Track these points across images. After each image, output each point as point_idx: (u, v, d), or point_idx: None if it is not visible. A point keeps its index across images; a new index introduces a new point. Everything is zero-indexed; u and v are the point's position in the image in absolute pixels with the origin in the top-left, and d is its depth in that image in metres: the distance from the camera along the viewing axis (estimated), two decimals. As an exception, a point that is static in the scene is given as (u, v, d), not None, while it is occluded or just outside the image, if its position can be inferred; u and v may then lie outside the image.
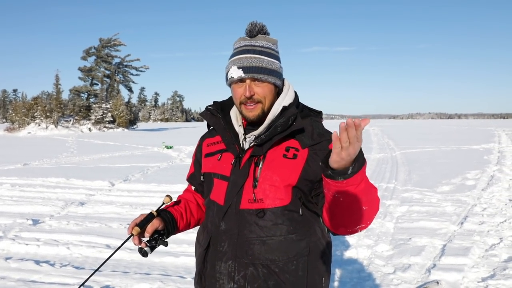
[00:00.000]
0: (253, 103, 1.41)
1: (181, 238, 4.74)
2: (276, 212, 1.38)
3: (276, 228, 1.38)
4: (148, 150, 16.91)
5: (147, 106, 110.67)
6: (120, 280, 3.57)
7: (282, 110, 1.44)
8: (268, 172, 1.38)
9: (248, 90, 1.40)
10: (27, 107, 38.22)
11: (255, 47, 1.43)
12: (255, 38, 1.45)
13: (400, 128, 44.41)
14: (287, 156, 1.39)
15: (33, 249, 4.35)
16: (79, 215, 5.82)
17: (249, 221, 1.39)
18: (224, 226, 1.43)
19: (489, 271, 3.80)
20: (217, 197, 1.47)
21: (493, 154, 13.73)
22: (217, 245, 1.45)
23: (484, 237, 4.75)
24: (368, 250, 4.35)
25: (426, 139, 22.76)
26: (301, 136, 1.42)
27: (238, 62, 1.41)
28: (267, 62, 1.41)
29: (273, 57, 1.44)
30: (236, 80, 1.41)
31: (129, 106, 46.49)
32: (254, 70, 1.39)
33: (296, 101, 1.50)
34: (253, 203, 1.38)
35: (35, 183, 8.21)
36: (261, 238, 1.38)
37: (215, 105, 1.55)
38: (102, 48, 45.04)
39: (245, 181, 1.40)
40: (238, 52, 1.43)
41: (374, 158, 12.95)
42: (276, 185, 1.37)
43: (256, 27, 1.45)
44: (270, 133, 1.39)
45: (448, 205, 6.32)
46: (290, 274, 1.38)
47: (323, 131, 1.45)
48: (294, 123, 1.40)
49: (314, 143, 1.40)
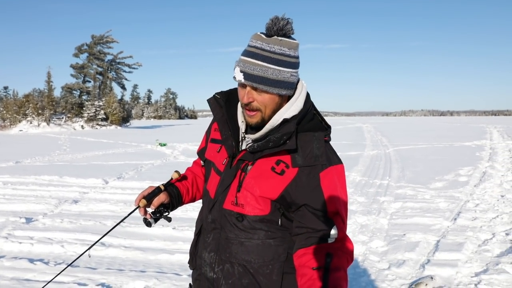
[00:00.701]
0: (251, 110, 1.35)
1: (176, 236, 4.74)
2: (255, 219, 1.37)
3: (255, 232, 1.38)
4: (141, 147, 16.83)
5: (140, 103, 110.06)
6: (115, 278, 3.55)
7: (283, 122, 1.35)
8: (251, 181, 1.36)
9: (246, 97, 1.33)
10: (19, 105, 37.81)
11: (264, 52, 1.30)
12: (269, 39, 1.31)
13: (393, 125, 44.65)
14: (275, 170, 1.34)
15: (26, 247, 4.31)
16: (73, 213, 5.78)
17: (230, 221, 1.40)
18: (210, 218, 1.47)
19: (482, 266, 3.84)
20: (210, 188, 1.50)
21: (485, 151, 13.87)
22: (205, 235, 1.50)
23: (477, 233, 4.80)
24: (363, 246, 4.38)
25: (419, 136, 22.93)
26: (295, 153, 1.34)
27: (241, 65, 1.32)
28: (272, 72, 1.29)
29: (283, 64, 1.30)
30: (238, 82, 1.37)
31: (122, 103, 46.20)
32: (254, 79, 1.30)
33: (303, 113, 1.38)
34: (234, 206, 1.39)
35: (28, 181, 8.13)
36: (239, 239, 1.39)
37: (222, 95, 1.49)
38: (95, 45, 44.68)
39: (231, 183, 1.40)
40: (246, 53, 1.33)
41: (368, 155, 13.01)
42: (255, 195, 1.35)
43: (275, 26, 1.29)
44: (262, 145, 1.34)
45: (442, 201, 6.38)
46: (264, 277, 1.38)
47: (321, 152, 1.34)
48: (288, 141, 1.32)
49: (305, 164, 1.32)
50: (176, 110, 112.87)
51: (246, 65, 1.30)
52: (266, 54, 1.30)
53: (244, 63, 1.31)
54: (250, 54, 1.32)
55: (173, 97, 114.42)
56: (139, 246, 4.38)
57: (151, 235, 4.73)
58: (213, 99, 1.50)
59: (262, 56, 1.30)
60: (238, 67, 1.33)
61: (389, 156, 12.72)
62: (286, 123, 1.34)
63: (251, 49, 1.32)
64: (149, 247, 4.36)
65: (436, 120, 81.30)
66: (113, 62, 46.36)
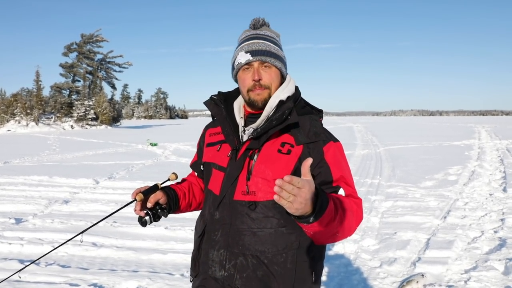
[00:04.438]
0: (260, 88, 1.44)
1: (169, 235, 4.72)
2: (268, 205, 1.39)
3: (267, 220, 1.40)
4: (132, 147, 16.72)
5: (130, 103, 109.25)
6: (107, 278, 3.53)
7: (279, 103, 1.44)
8: (261, 166, 1.40)
9: (256, 74, 1.43)
10: (6, 104, 37.27)
11: (261, 35, 1.49)
12: (260, 28, 1.52)
13: (383, 125, 44.97)
14: (282, 151, 1.40)
15: (16, 248, 4.26)
16: (64, 213, 5.72)
17: (241, 212, 1.41)
18: (218, 215, 1.46)
19: (471, 263, 3.90)
20: (213, 186, 1.50)
21: (473, 150, 14.05)
22: (211, 234, 1.48)
23: (466, 231, 4.86)
24: (355, 244, 4.41)
25: (409, 136, 23.13)
26: (297, 132, 1.43)
27: (245, 47, 1.46)
28: (273, 48, 1.47)
29: (278, 45, 1.50)
30: (244, 64, 1.45)
31: (112, 103, 45.84)
32: (261, 53, 1.43)
33: (296, 96, 1.50)
34: (246, 195, 1.41)
35: (17, 182, 8.03)
36: (252, 230, 1.40)
37: (219, 96, 1.57)
38: (84, 44, 44.22)
39: (240, 173, 1.42)
40: (245, 39, 1.49)
41: (359, 155, 13.10)
42: (268, 179, 1.38)
43: (259, 21, 1.52)
44: (266, 126, 1.40)
45: (432, 200, 6.45)
46: (279, 266, 1.40)
47: (320, 130, 1.45)
48: (289, 117, 1.40)
49: (309, 141, 1.41)
50: (167, 110, 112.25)
51: (250, 45, 1.46)
52: (263, 36, 1.49)
53: (247, 45, 1.46)
54: (250, 38, 1.48)
55: (164, 97, 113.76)
56: (132, 246, 4.36)
57: (144, 235, 4.71)
58: (210, 100, 1.57)
59: (262, 37, 1.48)
60: (241, 51, 1.46)
61: (380, 156, 12.82)
62: (284, 103, 1.44)
63: (249, 36, 1.49)
64: (141, 247, 4.34)
65: (425, 119, 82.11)
66: (103, 61, 45.93)
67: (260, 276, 1.39)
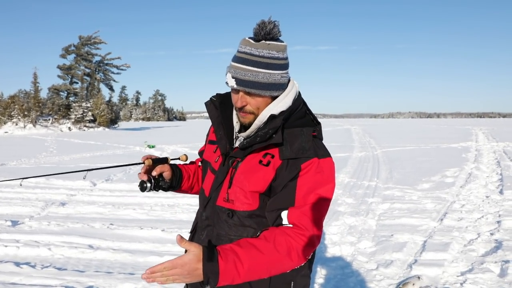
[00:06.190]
0: (245, 113, 1.41)
1: (165, 238, 4.72)
2: (244, 215, 1.41)
3: (244, 229, 1.41)
4: (130, 149, 16.69)
5: (128, 105, 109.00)
6: (103, 281, 3.52)
7: (270, 118, 1.39)
8: (241, 176, 1.40)
9: (240, 101, 1.39)
10: (4, 106, 37.21)
11: (254, 57, 1.34)
12: (257, 44, 1.35)
13: (381, 127, 45.07)
14: (262, 163, 1.39)
15: (12, 250, 4.25)
16: (60, 216, 5.71)
17: (221, 218, 1.44)
18: (205, 216, 1.51)
19: (467, 265, 3.91)
20: (205, 186, 1.54)
21: (470, 152, 14.09)
22: (199, 232, 1.53)
23: (462, 233, 4.88)
24: (351, 247, 4.42)
25: (406, 138, 23.18)
26: (283, 146, 1.38)
27: (233, 71, 1.36)
28: (262, 76, 1.34)
29: (272, 67, 1.35)
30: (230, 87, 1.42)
31: (110, 105, 45.79)
32: (246, 85, 1.35)
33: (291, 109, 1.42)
34: (226, 203, 1.43)
35: (14, 184, 8.00)
36: (229, 236, 1.42)
37: (218, 98, 1.55)
38: (82, 46, 44.22)
39: (224, 180, 1.44)
40: (236, 58, 1.38)
41: (356, 157, 13.11)
42: (245, 189, 1.39)
43: (262, 31, 1.34)
44: (251, 140, 1.39)
45: (428, 202, 6.46)
46: None
47: (309, 145, 1.36)
48: (274, 135, 1.36)
49: (291, 157, 1.35)
50: (165, 112, 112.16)
51: (237, 71, 1.35)
52: (256, 59, 1.35)
53: (235, 69, 1.36)
54: (241, 60, 1.36)
55: (162, 99, 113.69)
56: (128, 249, 4.36)
57: (140, 237, 4.70)
58: (209, 101, 1.55)
59: (252, 61, 1.35)
60: (229, 73, 1.38)
61: (377, 158, 12.84)
62: (273, 119, 1.38)
63: (241, 55, 1.37)
64: (137, 249, 4.34)
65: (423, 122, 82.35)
66: (101, 63, 45.93)
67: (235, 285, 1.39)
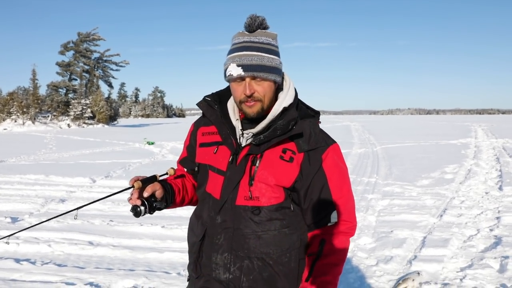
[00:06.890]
0: (253, 101, 1.39)
1: (165, 234, 4.72)
2: (271, 209, 1.42)
3: (271, 223, 1.42)
4: (129, 146, 16.68)
5: (127, 101, 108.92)
6: (104, 277, 3.53)
7: (283, 111, 1.42)
8: (264, 172, 1.40)
9: (248, 89, 1.37)
10: (3, 103, 37.15)
11: (255, 43, 1.38)
12: (254, 33, 1.40)
13: (380, 123, 45.05)
14: (284, 158, 1.40)
15: (12, 247, 4.25)
16: (60, 212, 5.70)
17: (245, 217, 1.42)
18: (220, 219, 1.45)
19: (467, 261, 3.92)
20: (212, 190, 1.48)
21: (470, 149, 14.10)
22: (213, 238, 1.46)
23: (462, 229, 4.88)
24: (351, 243, 4.40)
25: (406, 135, 23.18)
26: (299, 139, 1.41)
27: (237, 59, 1.36)
28: (267, 60, 1.37)
29: (272, 53, 1.40)
30: (236, 78, 1.38)
31: (109, 101, 45.73)
32: (254, 69, 1.35)
33: (296, 101, 1.47)
34: (249, 200, 1.41)
35: (13, 180, 8.00)
36: (256, 233, 1.41)
37: (213, 96, 1.53)
38: (81, 42, 44.09)
39: (241, 178, 1.41)
40: (237, 48, 1.39)
41: (356, 153, 13.12)
42: (271, 185, 1.40)
43: (255, 22, 1.39)
44: (269, 134, 1.38)
45: (428, 198, 6.47)
46: (284, 266, 1.43)
47: (320, 136, 1.44)
48: (294, 127, 1.39)
49: (309, 148, 1.40)
50: (164, 109, 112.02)
51: (242, 58, 1.36)
52: (257, 45, 1.39)
53: (239, 57, 1.37)
54: (243, 48, 1.38)
55: (161, 96, 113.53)
56: (128, 245, 4.36)
57: (140, 234, 4.71)
58: (203, 101, 1.53)
59: (255, 47, 1.38)
60: (233, 63, 1.37)
61: (377, 154, 12.85)
62: (287, 111, 1.42)
63: (242, 44, 1.39)
64: (138, 246, 4.34)
65: (422, 118, 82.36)
66: (100, 60, 45.80)
67: (266, 277, 1.42)
